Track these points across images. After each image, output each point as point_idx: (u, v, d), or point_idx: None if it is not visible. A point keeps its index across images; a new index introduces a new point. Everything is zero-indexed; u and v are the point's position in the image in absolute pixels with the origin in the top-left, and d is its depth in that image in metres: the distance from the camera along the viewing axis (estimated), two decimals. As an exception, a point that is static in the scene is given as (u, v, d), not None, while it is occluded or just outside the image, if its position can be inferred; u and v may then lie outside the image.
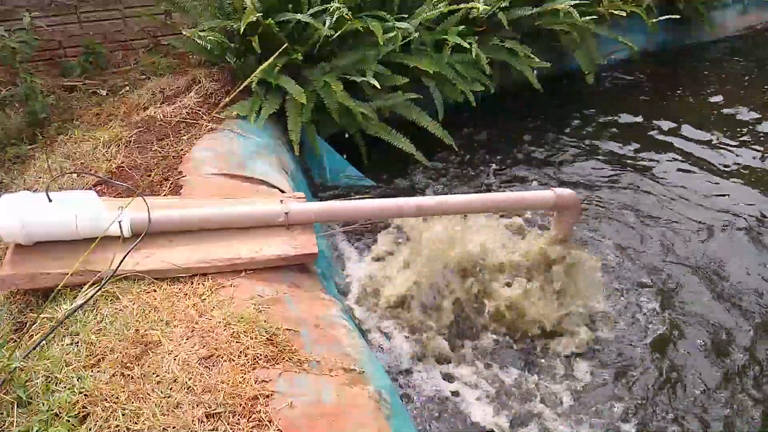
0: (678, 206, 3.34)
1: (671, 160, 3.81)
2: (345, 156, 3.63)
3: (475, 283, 2.61)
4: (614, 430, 2.16)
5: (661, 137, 4.12)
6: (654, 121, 4.34)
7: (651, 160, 3.84)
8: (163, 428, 1.42)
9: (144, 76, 3.66)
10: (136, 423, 1.44)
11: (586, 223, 3.18)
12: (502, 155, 3.97)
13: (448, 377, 2.39)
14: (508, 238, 2.90)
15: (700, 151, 3.90)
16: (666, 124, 4.29)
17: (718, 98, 4.67)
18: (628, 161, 3.84)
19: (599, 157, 3.90)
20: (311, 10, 3.33)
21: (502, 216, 3.14)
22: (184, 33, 3.41)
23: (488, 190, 3.53)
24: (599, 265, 2.73)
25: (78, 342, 1.70)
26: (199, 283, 1.94)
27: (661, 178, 3.62)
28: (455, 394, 2.31)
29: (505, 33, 4.07)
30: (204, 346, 1.67)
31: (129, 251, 1.92)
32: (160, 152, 2.80)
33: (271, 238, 2.12)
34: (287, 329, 1.78)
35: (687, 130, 4.18)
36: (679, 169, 3.70)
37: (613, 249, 3.01)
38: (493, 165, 3.82)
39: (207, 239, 2.07)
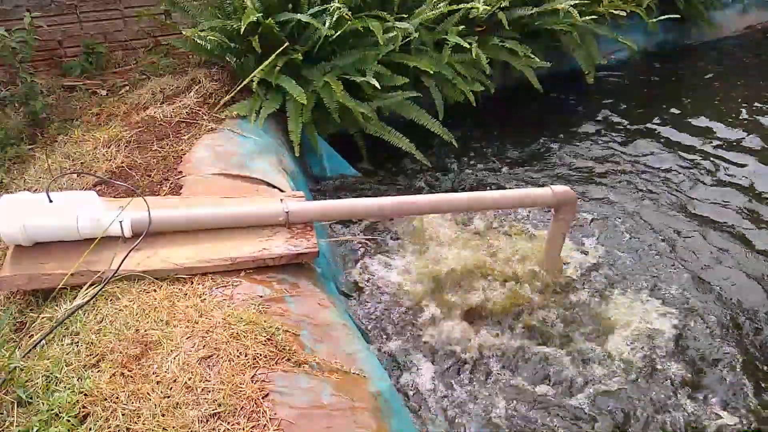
0: (677, 205, 3.33)
1: (670, 160, 3.81)
2: (345, 155, 3.63)
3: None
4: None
5: (660, 137, 4.11)
6: (653, 121, 4.34)
7: (650, 159, 3.84)
8: (163, 428, 1.42)
9: (144, 76, 3.66)
10: (136, 423, 1.44)
11: (584, 222, 3.19)
12: (501, 154, 3.97)
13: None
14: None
15: (699, 150, 3.90)
16: (665, 124, 4.29)
17: (718, 98, 4.66)
18: (627, 160, 3.84)
19: (598, 156, 3.91)
20: (311, 10, 3.33)
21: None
22: (184, 33, 3.40)
23: (488, 189, 3.53)
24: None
25: (78, 342, 1.70)
26: (199, 283, 1.93)
27: (661, 178, 3.61)
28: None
29: (505, 33, 4.07)
30: (204, 346, 1.67)
31: (130, 251, 1.92)
32: (160, 152, 2.80)
33: (272, 237, 2.12)
34: (287, 329, 1.78)
35: (686, 129, 4.18)
36: (678, 168, 3.70)
37: (610, 248, 3.00)
38: (488, 164, 3.82)
39: (207, 239, 2.07)
